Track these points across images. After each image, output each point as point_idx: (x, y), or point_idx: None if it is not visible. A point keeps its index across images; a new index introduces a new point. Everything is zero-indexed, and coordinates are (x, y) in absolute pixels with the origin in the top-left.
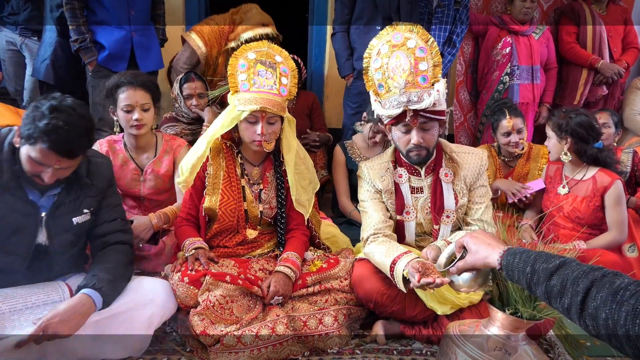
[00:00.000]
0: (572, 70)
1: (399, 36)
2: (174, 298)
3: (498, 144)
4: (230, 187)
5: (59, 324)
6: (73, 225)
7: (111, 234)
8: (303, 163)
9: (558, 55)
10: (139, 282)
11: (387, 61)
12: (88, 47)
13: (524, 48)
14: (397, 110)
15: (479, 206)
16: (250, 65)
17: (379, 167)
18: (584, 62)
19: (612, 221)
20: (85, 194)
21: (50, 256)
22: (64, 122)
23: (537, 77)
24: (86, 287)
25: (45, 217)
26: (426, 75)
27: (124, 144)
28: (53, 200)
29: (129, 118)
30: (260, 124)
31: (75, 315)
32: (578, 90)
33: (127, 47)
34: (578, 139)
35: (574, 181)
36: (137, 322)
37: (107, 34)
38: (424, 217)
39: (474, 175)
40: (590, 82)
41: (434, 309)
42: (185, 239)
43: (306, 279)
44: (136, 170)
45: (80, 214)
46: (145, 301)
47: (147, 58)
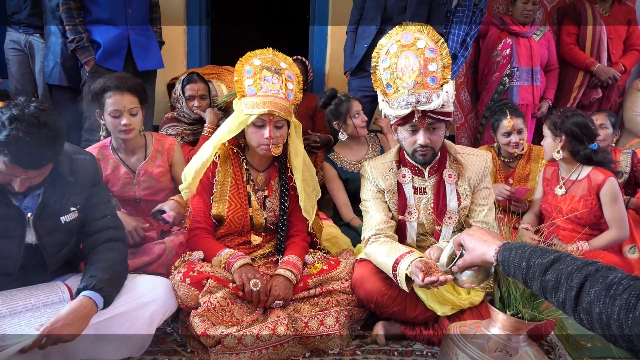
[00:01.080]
0: (568, 72)
1: (408, 36)
2: (175, 296)
3: (498, 144)
4: (237, 194)
5: (63, 328)
6: (61, 224)
7: (102, 231)
8: (308, 170)
9: (559, 56)
10: (139, 281)
11: (396, 61)
12: (85, 47)
13: (524, 49)
14: (405, 111)
15: (482, 208)
16: (256, 71)
17: (383, 167)
18: (580, 65)
19: (610, 219)
20: (71, 192)
21: (42, 256)
22: (25, 133)
23: (536, 78)
24: (86, 289)
25: (33, 218)
26: (435, 76)
27: (112, 148)
28: (38, 200)
29: (117, 123)
30: (267, 128)
31: (78, 318)
32: (572, 93)
33: (124, 44)
34: (572, 137)
35: (570, 182)
36: (139, 322)
37: (102, 31)
38: (425, 218)
39: (478, 177)
40: (585, 85)
41: (434, 309)
42: (216, 249)
43: (307, 281)
44: (128, 174)
45: (68, 212)
46: (146, 300)
47: (145, 57)
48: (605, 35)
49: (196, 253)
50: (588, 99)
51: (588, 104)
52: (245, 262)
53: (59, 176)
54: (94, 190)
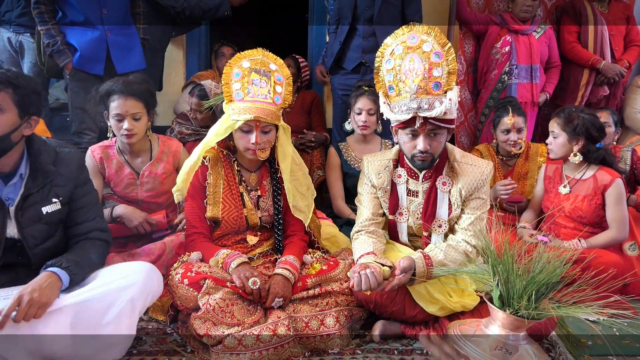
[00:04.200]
0: (573, 70)
1: (414, 38)
2: (160, 278)
3: (496, 141)
4: (230, 195)
5: (33, 292)
6: (43, 215)
7: (89, 232)
8: (300, 169)
9: (561, 54)
10: (118, 266)
11: (400, 63)
12: (61, 50)
13: (523, 47)
14: (406, 116)
15: (469, 216)
16: (244, 74)
17: (379, 164)
18: (585, 63)
19: (612, 219)
20: (53, 182)
21: (24, 250)
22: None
23: (536, 76)
24: (52, 266)
25: (14, 209)
26: (440, 82)
27: (117, 149)
28: (20, 191)
29: (120, 127)
30: (254, 133)
31: (43, 288)
32: (579, 91)
33: (102, 47)
34: (590, 140)
35: (574, 180)
36: (119, 306)
37: (79, 35)
38: (414, 222)
39: (470, 187)
40: (592, 83)
41: (423, 306)
42: (213, 250)
43: (306, 281)
44: (131, 175)
45: (49, 203)
46: (124, 284)
47: (126, 58)
48: (607, 33)
49: (194, 254)
50: (596, 97)
51: (596, 101)
52: (242, 261)
53: (40, 165)
54: (81, 188)
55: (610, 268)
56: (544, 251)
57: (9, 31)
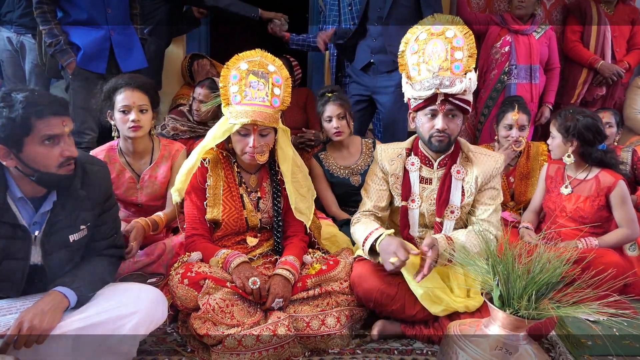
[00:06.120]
0: (572, 69)
1: (438, 26)
2: (164, 305)
3: (497, 138)
4: (230, 197)
5: (34, 319)
6: (69, 242)
7: (106, 249)
8: (300, 171)
9: (561, 54)
10: (124, 290)
11: (424, 47)
12: (64, 50)
13: (523, 47)
14: (427, 92)
15: (487, 207)
16: (242, 77)
17: (392, 152)
18: (584, 62)
19: (621, 219)
20: (81, 207)
21: (45, 276)
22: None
23: (535, 76)
24: (61, 285)
25: (41, 236)
26: (460, 63)
27: (119, 150)
28: (47, 217)
29: (126, 119)
30: (252, 137)
31: (48, 309)
32: (576, 90)
33: (106, 46)
34: (584, 142)
35: (576, 181)
36: (122, 332)
37: (82, 34)
38: (427, 208)
39: (486, 176)
40: (589, 82)
41: (426, 307)
42: (214, 251)
43: (306, 281)
44: (132, 179)
45: (77, 230)
46: (127, 312)
47: (129, 57)
48: (609, 34)
49: (194, 254)
50: (592, 96)
51: (592, 100)
52: (242, 261)
53: (70, 190)
54: (105, 205)
55: (610, 268)
56: (544, 251)
57: (10, 31)
